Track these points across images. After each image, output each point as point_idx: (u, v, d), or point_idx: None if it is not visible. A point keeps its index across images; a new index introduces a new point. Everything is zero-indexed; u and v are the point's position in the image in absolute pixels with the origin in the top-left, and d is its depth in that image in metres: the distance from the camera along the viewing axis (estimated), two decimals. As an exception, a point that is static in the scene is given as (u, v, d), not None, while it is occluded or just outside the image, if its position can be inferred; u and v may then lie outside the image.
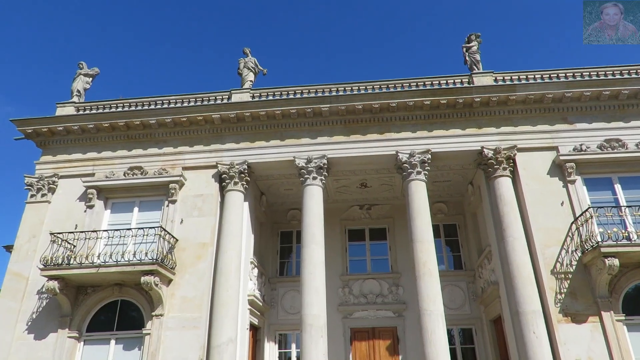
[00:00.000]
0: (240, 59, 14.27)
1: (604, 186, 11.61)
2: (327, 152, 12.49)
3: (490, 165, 11.89)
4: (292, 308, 14.49)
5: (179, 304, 11.14)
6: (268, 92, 13.28)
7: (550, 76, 12.44)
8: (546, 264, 10.65)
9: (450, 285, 14.29)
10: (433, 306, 10.41)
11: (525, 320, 9.98)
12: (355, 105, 12.40)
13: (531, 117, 12.33)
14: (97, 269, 10.72)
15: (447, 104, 12.33)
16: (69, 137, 13.36)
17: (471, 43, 13.49)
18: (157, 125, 13.08)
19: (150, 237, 11.43)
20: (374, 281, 14.73)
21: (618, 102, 12.04)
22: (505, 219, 11.13)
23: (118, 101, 13.57)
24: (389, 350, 13.91)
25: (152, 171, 12.77)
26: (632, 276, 10.32)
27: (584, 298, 10.23)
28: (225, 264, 11.37)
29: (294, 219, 15.79)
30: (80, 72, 14.54)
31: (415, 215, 11.51)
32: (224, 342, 10.51)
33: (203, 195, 12.43)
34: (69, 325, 11.12)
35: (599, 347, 9.76)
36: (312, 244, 11.49)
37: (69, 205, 12.60)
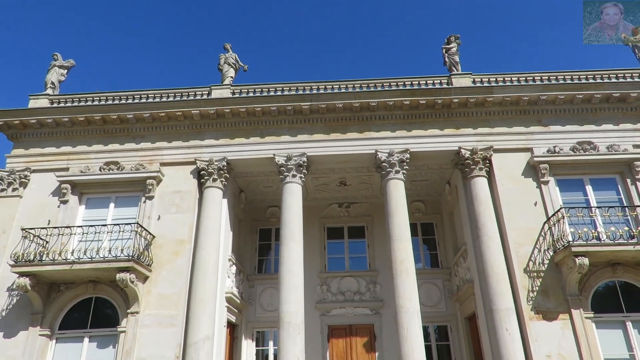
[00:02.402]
0: (220, 55, 14.14)
1: (576, 187, 11.95)
2: (307, 150, 12.50)
3: (467, 166, 12.10)
4: (270, 305, 14.48)
5: (155, 301, 11.00)
6: (249, 89, 13.21)
7: (527, 79, 12.75)
8: (519, 262, 10.92)
9: (427, 283, 14.50)
10: (409, 304, 10.55)
11: (498, 318, 10.21)
12: (335, 103, 12.45)
13: (507, 119, 12.59)
14: (70, 265, 10.49)
15: (426, 105, 12.49)
16: (43, 131, 13.03)
17: (451, 44, 13.67)
18: (134, 120, 12.86)
19: (126, 234, 11.24)
20: (352, 279, 14.83)
21: (591, 105, 12.39)
22: (480, 218, 11.35)
23: (94, 94, 13.29)
24: (365, 347, 14.04)
25: (129, 166, 12.56)
26: (601, 275, 10.66)
27: (555, 296, 10.52)
28: (203, 261, 11.28)
29: (273, 216, 15.76)
30: (54, 63, 14.14)
31: (394, 213, 11.64)
32: (201, 340, 10.44)
33: (181, 191, 12.30)
34: (41, 323, 10.87)
35: (569, 343, 10.06)
36: (291, 242, 11.50)
37: (41, 200, 12.29)
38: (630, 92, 12.09)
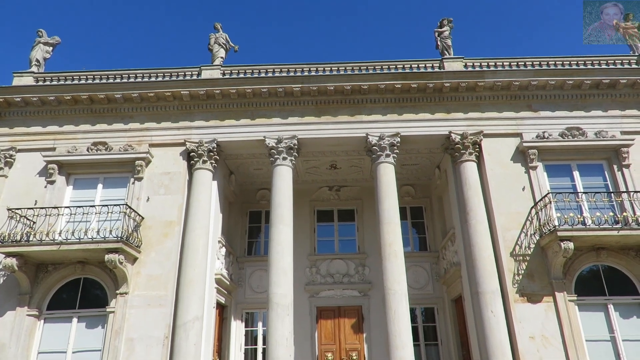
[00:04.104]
0: (211, 35, 13.90)
1: (564, 172, 12.09)
2: (297, 133, 12.44)
3: (457, 150, 12.15)
4: (260, 287, 14.57)
5: (144, 282, 11.01)
6: (239, 70, 13.05)
7: (518, 64, 12.75)
8: (506, 246, 11.07)
9: (415, 266, 14.68)
10: (397, 286, 10.68)
11: (484, 300, 10.40)
12: (327, 86, 12.35)
13: (498, 104, 12.61)
14: (58, 246, 10.42)
15: (417, 88, 12.45)
16: (28, 109, 12.77)
17: (443, 28, 13.59)
18: (122, 100, 12.66)
19: (114, 215, 11.19)
20: (341, 261, 14.96)
21: (580, 91, 12.45)
22: (469, 203, 11.45)
23: (81, 73, 13.01)
24: (353, 328, 14.25)
25: (117, 147, 12.41)
26: (585, 259, 10.87)
27: (540, 279, 10.72)
28: (193, 243, 11.28)
29: (263, 198, 15.75)
30: (39, 40, 13.78)
31: (383, 197, 11.69)
32: (190, 320, 10.50)
33: (170, 173, 12.21)
34: (29, 304, 10.83)
35: (552, 325, 10.29)
36: (281, 224, 11.52)
37: (27, 180, 12.12)
38: (619, 78, 12.16)
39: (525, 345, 10.11)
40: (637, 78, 12.15)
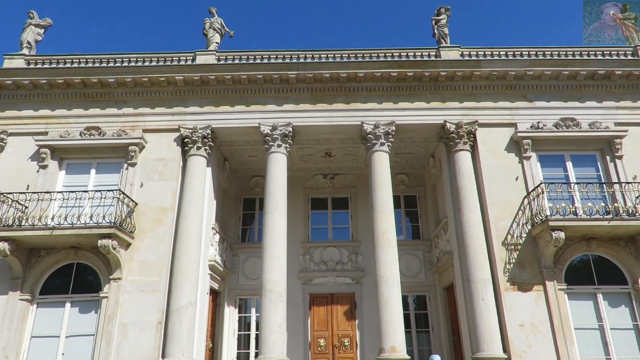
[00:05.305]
0: (205, 19, 13.72)
1: (557, 163, 12.16)
2: (292, 120, 12.39)
3: (451, 139, 12.17)
4: (253, 274, 14.63)
5: (138, 267, 11.01)
6: (234, 55, 12.92)
7: (514, 53, 12.71)
8: (498, 235, 11.17)
9: (408, 254, 14.78)
10: (390, 274, 10.77)
11: (475, 288, 10.52)
12: (322, 73, 12.27)
13: (493, 94, 12.61)
14: (51, 231, 10.38)
15: (413, 77, 12.40)
16: (19, 92, 12.60)
17: (440, 16, 13.51)
18: (116, 85, 12.51)
19: (108, 200, 11.13)
20: (335, 249, 15.03)
21: (576, 82, 12.47)
22: (462, 192, 11.51)
23: (74, 56, 12.82)
24: (346, 314, 14.38)
25: (111, 132, 12.30)
26: (575, 249, 11.01)
27: (531, 268, 10.85)
28: (186, 229, 11.27)
29: (258, 186, 15.74)
30: (30, 22, 13.52)
31: (377, 185, 11.71)
32: (184, 306, 10.54)
33: (164, 159, 12.14)
34: (21, 288, 10.83)
35: (542, 313, 10.45)
36: (275, 212, 11.53)
37: (19, 164, 12.01)
38: (615, 69, 12.18)
39: (514, 332, 10.26)
40: (633, 69, 12.18)
